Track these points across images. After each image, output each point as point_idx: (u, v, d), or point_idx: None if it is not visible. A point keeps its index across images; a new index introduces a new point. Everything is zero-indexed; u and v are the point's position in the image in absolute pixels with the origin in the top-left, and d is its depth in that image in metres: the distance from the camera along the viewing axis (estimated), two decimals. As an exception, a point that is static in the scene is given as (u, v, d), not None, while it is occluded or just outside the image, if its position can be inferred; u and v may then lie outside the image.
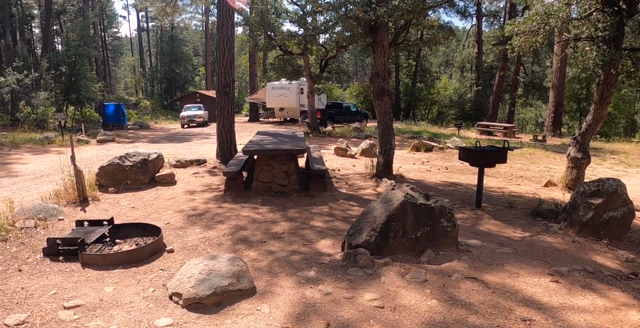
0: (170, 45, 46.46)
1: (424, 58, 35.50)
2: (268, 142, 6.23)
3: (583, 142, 6.97)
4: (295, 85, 24.42)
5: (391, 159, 7.04)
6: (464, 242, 4.10)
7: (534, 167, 10.69)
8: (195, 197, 5.88)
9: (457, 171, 8.92)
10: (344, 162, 9.04)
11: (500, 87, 26.61)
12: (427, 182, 7.32)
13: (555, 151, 14.71)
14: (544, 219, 5.17)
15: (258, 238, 4.23)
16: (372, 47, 7.07)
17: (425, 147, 12.10)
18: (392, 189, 3.88)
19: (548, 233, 4.66)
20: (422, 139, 14.66)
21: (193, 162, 8.24)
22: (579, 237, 4.60)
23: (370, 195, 6.07)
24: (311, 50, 18.09)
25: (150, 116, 32.84)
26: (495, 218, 5.11)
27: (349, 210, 5.27)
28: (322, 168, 5.78)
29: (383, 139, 6.96)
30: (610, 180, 4.70)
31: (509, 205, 5.73)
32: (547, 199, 6.48)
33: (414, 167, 9.11)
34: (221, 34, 8.45)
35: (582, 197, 4.72)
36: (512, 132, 21.40)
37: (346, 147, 9.96)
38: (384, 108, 6.90)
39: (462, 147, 5.35)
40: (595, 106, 6.63)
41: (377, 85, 6.92)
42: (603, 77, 6.28)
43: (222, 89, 8.44)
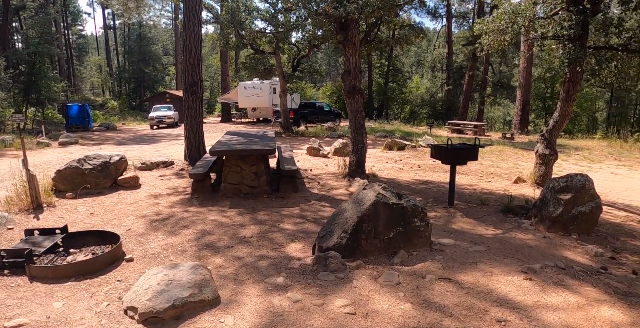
0: (138, 43, 45.11)
1: (396, 58, 35.86)
2: (237, 142, 6.01)
3: (550, 139, 7.09)
4: (268, 85, 24.13)
5: (363, 158, 6.95)
6: (437, 241, 4.03)
7: (504, 164, 10.87)
8: (160, 201, 5.59)
9: (430, 169, 8.94)
10: (316, 162, 8.90)
11: (470, 87, 27.16)
12: (400, 180, 7.28)
13: (523, 148, 15.07)
14: (515, 216, 5.19)
15: (225, 243, 4.01)
16: (343, 45, 6.95)
17: (398, 146, 12.12)
18: (363, 189, 3.75)
19: (519, 230, 4.66)
20: (394, 137, 14.71)
21: (159, 164, 7.91)
22: (549, 232, 4.62)
23: (343, 195, 5.95)
24: (283, 49, 17.88)
25: (117, 117, 31.72)
26: (467, 216, 5.09)
27: (321, 211, 5.12)
28: (292, 169, 5.61)
29: (355, 137, 6.86)
30: (579, 175, 4.75)
31: (480, 202, 5.74)
32: (518, 195, 6.54)
33: (387, 165, 9.07)
34: (188, 31, 8.14)
35: (551, 193, 4.74)
36: (482, 130, 21.83)
37: (319, 146, 9.83)
38: (355, 106, 6.80)
39: (434, 145, 5.31)
40: (561, 103, 6.75)
41: (348, 83, 6.81)
42: (569, 75, 6.39)
43: (189, 88, 8.14)
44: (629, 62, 5.70)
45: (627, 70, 5.73)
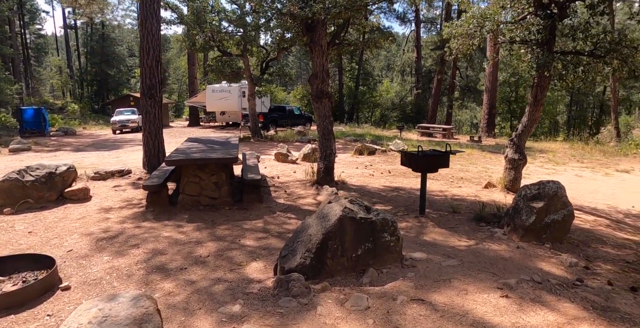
0: (101, 44, 43.35)
1: (367, 62, 36.04)
2: (196, 150, 5.60)
3: (519, 143, 7.06)
4: (237, 88, 23.60)
5: (332, 165, 6.68)
6: (408, 256, 3.79)
7: (473, 168, 10.89)
8: (111, 216, 5.10)
9: (400, 175, 8.78)
10: (284, 169, 8.57)
11: (439, 90, 27.55)
12: (370, 187, 7.05)
13: (491, 151, 15.28)
14: (487, 224, 5.04)
15: (178, 264, 3.62)
16: (309, 47, 6.68)
17: (368, 151, 11.96)
18: (329, 203, 3.46)
19: (492, 240, 4.50)
20: (365, 142, 14.56)
21: (115, 173, 7.35)
22: (522, 242, 4.48)
23: (310, 204, 5.64)
24: (251, 51, 17.45)
25: (78, 121, 30.19)
26: (439, 226, 4.89)
27: (286, 223, 4.79)
28: (256, 178, 5.25)
29: (323, 143, 6.58)
30: (550, 182, 4.65)
31: (452, 210, 5.57)
32: (489, 201, 6.44)
33: (357, 171, 8.85)
34: (144, 29, 7.64)
35: (524, 201, 4.61)
36: (451, 133, 22.12)
37: (287, 152, 9.49)
38: (323, 111, 6.52)
39: (405, 152, 5.10)
40: (529, 108, 6.72)
41: (315, 87, 6.53)
42: (537, 79, 6.36)
43: (147, 92, 7.63)
44: (594, 67, 5.71)
45: (594, 75, 5.73)
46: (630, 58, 5.78)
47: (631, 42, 5.80)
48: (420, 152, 4.87)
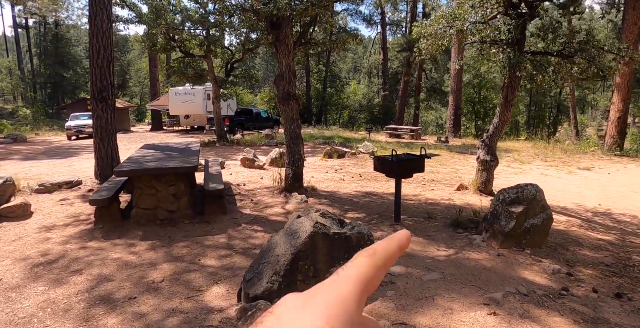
0: (54, 44, 41.02)
1: (334, 63, 35.95)
2: (151, 158, 5.08)
3: (491, 145, 6.95)
4: (201, 91, 22.84)
5: (301, 171, 6.31)
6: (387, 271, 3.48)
7: (443, 169, 10.83)
8: (53, 235, 4.51)
9: (371, 178, 8.53)
10: (251, 175, 8.12)
11: (405, 92, 27.79)
12: (341, 193, 6.73)
13: (458, 152, 15.38)
14: (465, 230, 4.83)
15: (126, 292, 3.14)
16: (275, 46, 6.30)
17: (338, 154, 11.68)
18: (297, 217, 3.09)
19: (472, 248, 4.27)
20: (334, 145, 14.30)
21: (62, 184, 6.68)
22: (502, 248, 4.29)
23: (278, 214, 5.25)
24: (215, 52, 16.83)
25: (30, 127, 28.26)
26: (416, 234, 4.63)
27: (252, 238, 4.37)
28: (218, 188, 4.80)
29: (291, 148, 6.21)
30: (529, 186, 4.48)
31: (427, 216, 5.33)
32: (463, 205, 6.28)
33: (327, 175, 8.53)
34: (94, 26, 7.02)
35: (502, 206, 4.42)
36: (418, 134, 22.28)
37: (253, 157, 9.05)
38: (290, 114, 6.15)
39: (378, 157, 4.81)
40: (500, 109, 6.62)
41: (282, 89, 6.16)
42: (507, 80, 6.26)
43: (98, 95, 7.00)
44: (564, 68, 5.65)
45: (563, 75, 5.68)
46: (598, 58, 5.77)
47: (597, 43, 5.79)
48: (394, 156, 4.59)
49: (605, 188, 9.85)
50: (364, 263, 0.31)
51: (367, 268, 0.31)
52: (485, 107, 28.16)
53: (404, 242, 0.34)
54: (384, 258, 0.32)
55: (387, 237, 0.34)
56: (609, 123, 17.87)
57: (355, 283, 0.30)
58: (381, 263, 0.32)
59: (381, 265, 0.32)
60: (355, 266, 0.31)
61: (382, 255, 0.32)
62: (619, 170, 12.87)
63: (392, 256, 0.33)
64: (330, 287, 0.29)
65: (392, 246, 0.33)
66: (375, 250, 0.32)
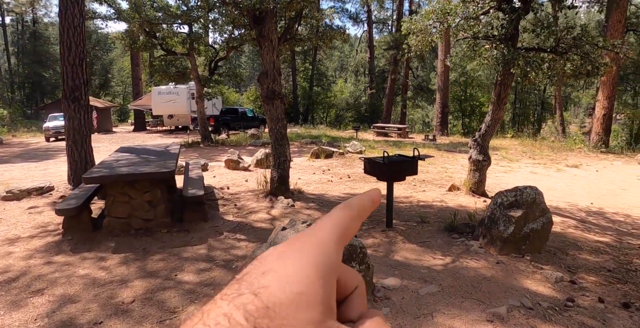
0: (32, 43, 39.78)
1: (320, 62, 35.61)
2: (125, 163, 4.72)
3: (483, 144, 6.76)
4: (185, 90, 22.33)
5: (287, 173, 6.00)
6: (380, 284, 3.21)
7: (432, 168, 10.63)
8: (16, 249, 4.12)
9: (360, 179, 8.28)
10: (235, 177, 7.77)
11: (392, 90, 27.65)
12: (329, 196, 6.45)
13: (446, 150, 15.24)
14: (460, 235, 4.59)
15: (92, 316, 2.80)
16: (258, 42, 5.97)
17: (325, 154, 11.40)
18: (282, 229, 2.80)
19: (469, 255, 4.03)
20: (321, 144, 14.02)
21: (33, 191, 6.25)
22: (501, 255, 4.06)
23: (263, 220, 4.94)
24: (198, 50, 16.37)
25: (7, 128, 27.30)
26: (409, 241, 4.37)
27: (234, 248, 4.05)
28: (198, 194, 4.46)
29: (277, 150, 5.90)
30: (528, 188, 4.26)
31: (420, 220, 5.08)
32: (456, 207, 6.06)
33: (314, 177, 8.24)
34: (65, 21, 6.58)
35: (500, 209, 4.19)
36: (406, 132, 22.14)
37: (238, 158, 8.69)
38: (275, 113, 5.84)
39: (368, 159, 4.53)
40: (493, 107, 6.42)
41: (266, 87, 5.83)
42: (500, 77, 6.06)
43: (70, 94, 6.57)
44: (558, 64, 5.46)
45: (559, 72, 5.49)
46: (592, 54, 5.59)
47: (592, 39, 5.61)
48: (385, 158, 4.32)
49: (595, 186, 9.78)
50: (340, 213, 0.32)
51: (343, 218, 0.32)
52: (471, 105, 28.21)
53: (376, 198, 0.35)
54: (358, 210, 0.33)
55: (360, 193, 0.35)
56: (595, 120, 17.97)
57: (332, 230, 0.30)
58: (356, 214, 0.33)
59: (356, 215, 0.33)
60: (330, 216, 0.32)
61: (356, 207, 0.33)
62: (606, 168, 12.88)
63: (365, 208, 0.34)
64: (307, 234, 0.30)
65: (365, 199, 0.34)
66: (350, 202, 0.33)
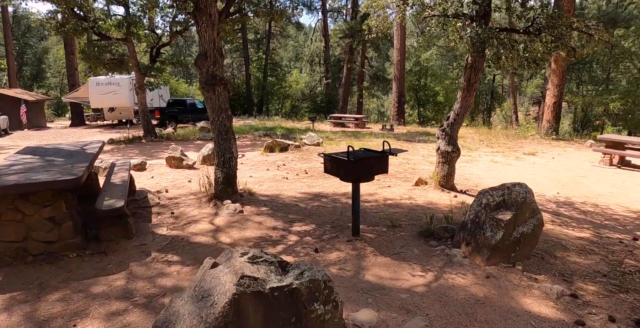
0: None
1: (274, 51, 34.31)
2: (20, 169, 3.63)
3: (452, 134, 6.21)
4: (127, 80, 20.53)
5: (234, 173, 5.11)
6: (351, 322, 2.46)
7: (394, 160, 10.06)
8: None
9: (319, 175, 7.52)
10: (176, 177, 6.75)
11: (349, 80, 27.09)
12: (285, 197, 5.62)
13: (406, 140, 14.85)
14: (438, 242, 3.95)
15: None
16: (194, 17, 4.98)
17: (280, 147, 10.53)
18: (213, 267, 1.95)
19: (454, 268, 3.39)
20: (276, 137, 13.12)
21: None
22: (489, 265, 3.45)
23: (204, 233, 4.04)
24: (137, 35, 14.80)
25: None
26: (382, 253, 3.66)
27: (162, 275, 3.13)
28: (115, 207, 3.48)
29: (221, 145, 4.97)
30: (517, 186, 3.68)
31: (391, 224, 4.40)
32: (426, 205, 5.46)
33: (268, 174, 7.38)
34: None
35: (486, 212, 3.58)
36: (363, 122, 21.70)
37: (181, 155, 7.64)
38: (217, 102, 4.90)
39: (329, 156, 3.75)
40: (462, 93, 5.85)
41: (205, 71, 4.87)
42: (471, 59, 5.48)
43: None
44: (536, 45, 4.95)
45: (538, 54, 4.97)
46: (566, 36, 5.12)
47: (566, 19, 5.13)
48: (350, 154, 3.56)
49: (556, 174, 9.66)
50: None
51: None
52: (427, 95, 28.28)
53: None
54: None
55: None
56: (546, 108, 18.32)
57: None
58: None
59: None
60: None
61: None
62: (561, 154, 12.99)
63: None
64: None
65: None
66: None
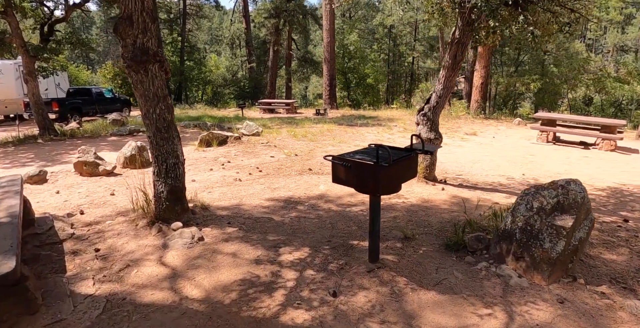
0: None
1: (191, 33, 31.30)
2: None
3: (434, 119, 5.44)
4: (12, 67, 17.11)
5: (182, 183, 3.76)
6: None
7: (350, 149, 9.21)
8: None
9: (275, 172, 6.38)
10: (94, 189, 5.11)
11: (276, 63, 25.62)
12: (249, 207, 4.39)
13: (347, 125, 14.13)
14: (472, 255, 3.11)
15: None
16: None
17: (218, 140, 9.09)
18: None
19: (517, 296, 2.55)
20: (206, 128, 11.53)
21: None
22: (550, 284, 2.69)
23: (156, 284, 2.69)
24: (22, 8, 11.92)
25: None
26: (420, 285, 2.68)
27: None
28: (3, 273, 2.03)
29: (160, 148, 3.58)
30: (572, 184, 2.91)
31: (403, 236, 3.46)
32: (422, 203, 4.63)
33: (215, 175, 6.04)
34: None
35: (541, 218, 2.78)
36: (294, 107, 20.68)
37: (96, 158, 5.91)
38: (151, 87, 3.48)
39: (347, 161, 2.56)
40: (446, 72, 5.05)
41: (131, 42, 3.39)
42: (458, 34, 4.67)
43: None
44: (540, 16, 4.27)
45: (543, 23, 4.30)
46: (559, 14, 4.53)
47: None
48: (379, 156, 2.48)
49: (506, 154, 9.60)
50: None
51: None
52: (357, 77, 27.92)
53: None
54: None
55: None
56: (474, 89, 18.81)
57: None
58: None
59: None
60: None
61: None
62: (498, 133, 13.22)
63: None
64: None
65: None
66: None
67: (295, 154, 8.04)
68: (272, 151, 8.30)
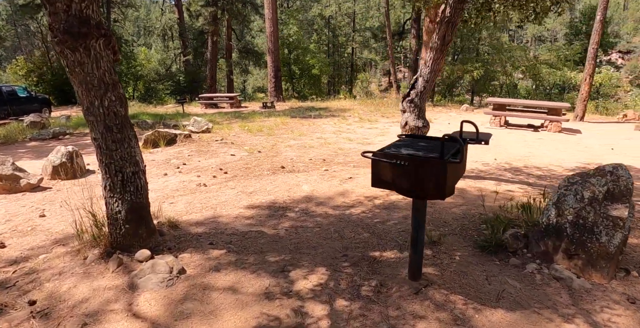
0: None
1: (116, 23, 28.56)
2: None
3: (421, 105, 4.98)
4: None
5: (145, 199, 2.91)
6: None
7: (310, 141, 8.62)
8: None
9: (243, 173, 5.62)
10: (17, 211, 4.02)
11: (215, 54, 24.12)
12: (229, 220, 3.63)
13: (301, 117, 13.52)
14: (515, 256, 2.65)
15: None
16: None
17: (166, 139, 8.08)
18: None
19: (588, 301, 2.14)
20: (147, 126, 10.33)
21: None
22: (611, 281, 2.31)
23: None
24: None
25: None
26: (482, 303, 2.16)
27: None
28: None
29: (111, 153, 2.71)
30: (619, 169, 2.53)
31: (429, 241, 2.94)
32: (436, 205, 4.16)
33: (172, 181, 5.14)
34: None
35: (594, 209, 2.38)
36: (238, 101, 19.65)
37: (14, 170, 4.72)
38: (95, 71, 2.59)
39: (397, 158, 1.91)
40: (434, 54, 4.59)
41: (63, 10, 2.47)
42: (449, 13, 4.21)
43: None
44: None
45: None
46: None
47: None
48: (448, 150, 1.87)
49: (470, 140, 9.52)
50: None
51: None
52: (300, 68, 27.20)
53: None
54: None
55: None
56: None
57: None
58: None
59: None
60: None
61: None
62: (450, 120, 13.31)
63: None
64: None
65: None
66: None
67: (258, 150, 7.28)
68: (230, 149, 7.47)
